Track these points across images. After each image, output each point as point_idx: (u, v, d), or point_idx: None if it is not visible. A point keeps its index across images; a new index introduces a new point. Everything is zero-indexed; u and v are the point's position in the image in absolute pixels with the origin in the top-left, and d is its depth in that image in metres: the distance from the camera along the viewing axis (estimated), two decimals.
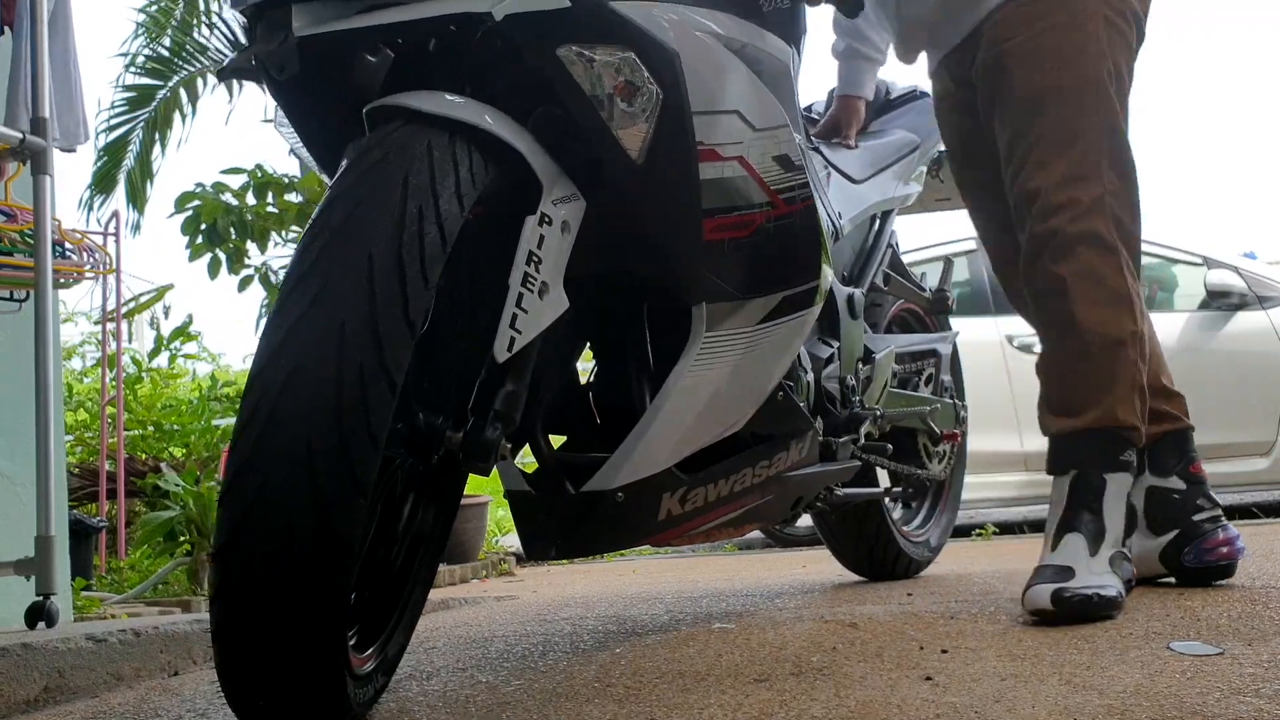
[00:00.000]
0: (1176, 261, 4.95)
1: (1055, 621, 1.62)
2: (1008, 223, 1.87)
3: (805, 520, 5.42)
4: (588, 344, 1.74)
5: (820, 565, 3.51)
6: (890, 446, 2.17)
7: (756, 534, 5.67)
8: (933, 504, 2.70)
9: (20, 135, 2.28)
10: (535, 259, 1.29)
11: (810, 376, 1.86)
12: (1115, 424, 1.72)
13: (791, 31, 1.62)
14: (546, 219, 1.31)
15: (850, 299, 2.06)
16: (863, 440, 2.05)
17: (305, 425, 1.05)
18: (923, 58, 2.00)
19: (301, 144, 1.50)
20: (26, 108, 2.33)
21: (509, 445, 1.39)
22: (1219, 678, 1.25)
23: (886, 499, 2.40)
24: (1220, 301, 4.67)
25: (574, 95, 1.31)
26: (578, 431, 1.72)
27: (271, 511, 1.04)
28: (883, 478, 2.41)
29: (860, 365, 2.10)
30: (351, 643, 1.24)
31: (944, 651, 1.50)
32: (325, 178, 1.47)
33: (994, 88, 1.78)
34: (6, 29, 2.54)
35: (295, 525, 1.04)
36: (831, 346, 1.98)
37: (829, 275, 1.69)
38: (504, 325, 1.27)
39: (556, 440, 1.67)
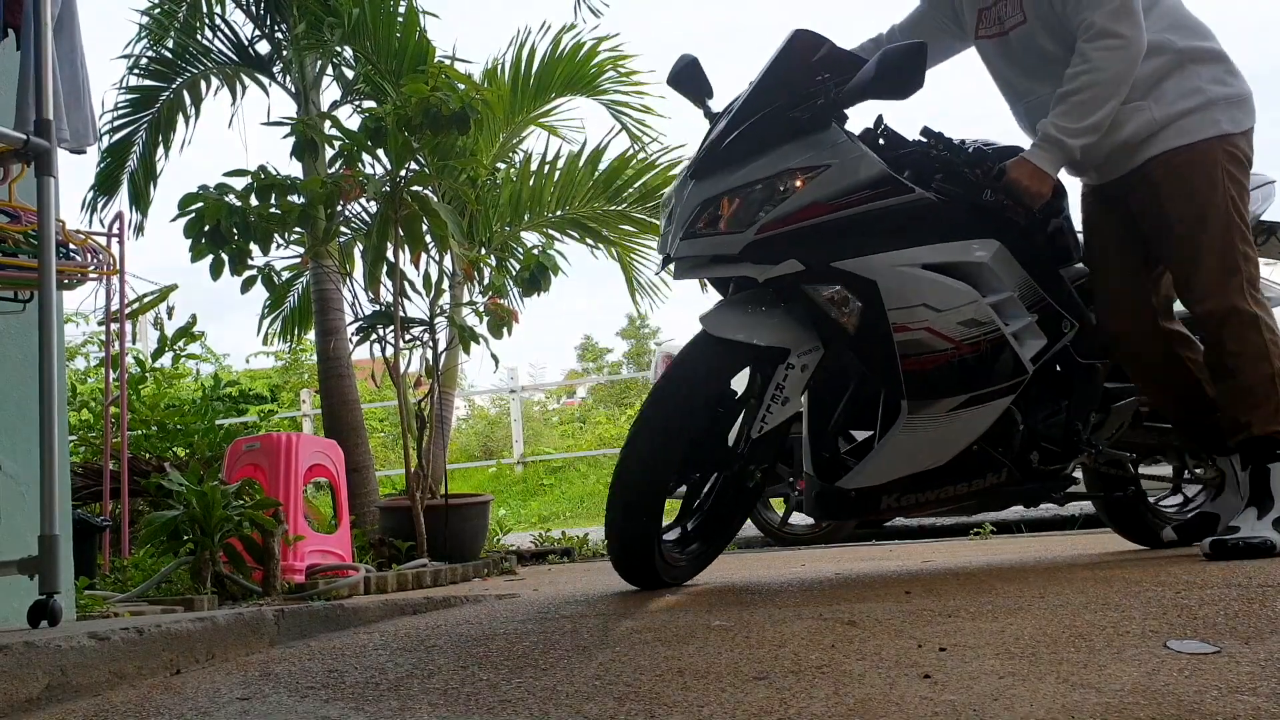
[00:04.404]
0: None
1: (1212, 559, 2.42)
2: (1139, 290, 2.72)
3: (804, 519, 5.51)
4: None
5: (819, 564, 3.52)
6: (1097, 472, 2.99)
7: (756, 533, 5.68)
8: (1208, 498, 3.18)
9: (24, 137, 2.28)
10: (781, 386, 2.41)
11: (1023, 426, 2.62)
12: (1267, 431, 2.50)
13: (1005, 220, 2.53)
14: (791, 366, 2.41)
15: (1088, 369, 2.73)
16: (1070, 468, 2.78)
17: (637, 469, 2.39)
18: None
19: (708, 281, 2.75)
20: (33, 109, 2.34)
21: (760, 475, 2.58)
22: (1216, 676, 1.25)
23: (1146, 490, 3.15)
24: None
25: (813, 305, 2.41)
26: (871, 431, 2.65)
27: (626, 488, 2.39)
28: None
29: (1094, 414, 2.78)
30: (672, 542, 2.64)
31: (942, 650, 1.51)
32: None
33: (1153, 214, 2.62)
34: (12, 31, 2.54)
35: (637, 494, 2.39)
36: (1059, 404, 2.70)
37: (1021, 373, 2.49)
38: (758, 419, 2.43)
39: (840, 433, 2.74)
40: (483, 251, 5.66)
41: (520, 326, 5.39)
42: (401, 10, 5.57)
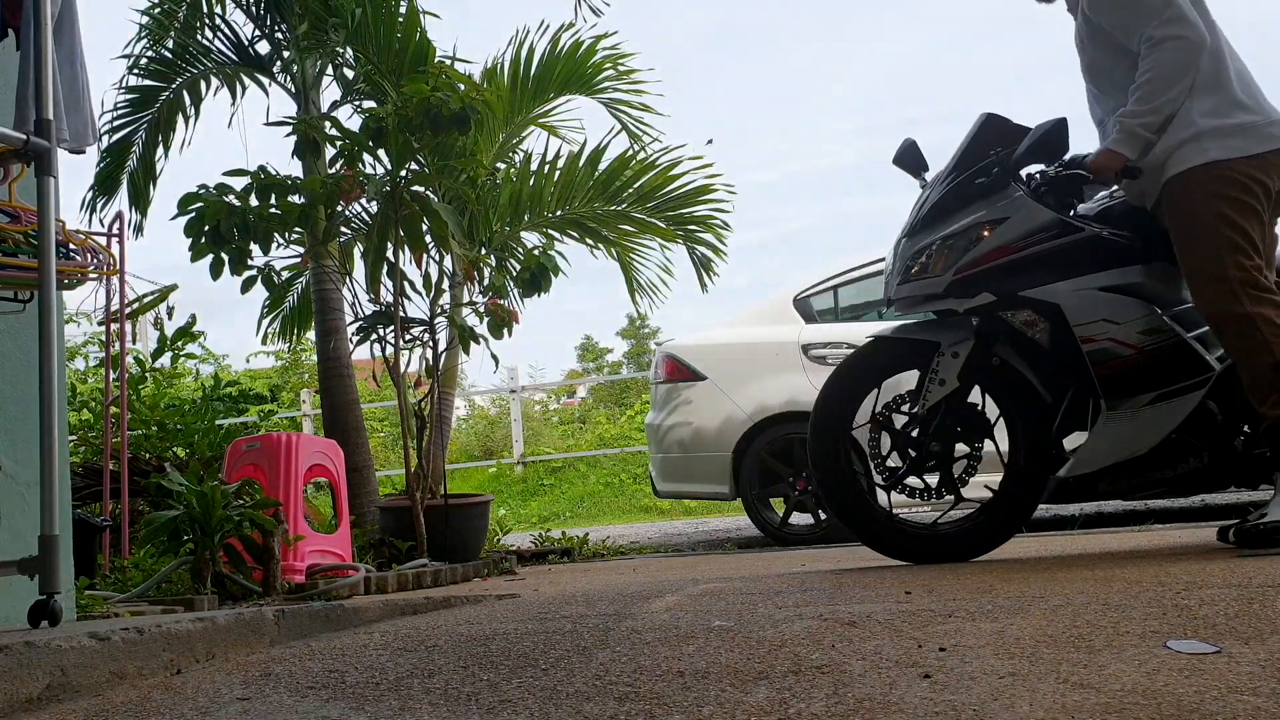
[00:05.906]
0: None
1: (1238, 545, 2.70)
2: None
3: (805, 519, 5.50)
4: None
5: (819, 564, 3.52)
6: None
7: (756, 533, 5.68)
8: None
9: (24, 137, 2.28)
10: (937, 369, 3.05)
11: (1220, 417, 2.92)
12: (1275, 416, 2.70)
13: (1162, 248, 2.93)
14: (943, 354, 3.05)
15: None
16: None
17: (821, 438, 3.14)
18: None
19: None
20: (33, 109, 2.34)
21: (939, 448, 3.15)
22: (1216, 676, 1.25)
23: None
24: None
25: (1008, 328, 3.04)
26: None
27: (819, 451, 3.14)
28: None
29: None
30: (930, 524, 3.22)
31: (942, 650, 1.51)
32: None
33: (1170, 228, 2.91)
34: (12, 32, 2.55)
35: (826, 455, 3.12)
36: None
37: (1205, 371, 2.87)
38: (921, 396, 3.07)
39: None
40: (483, 251, 5.66)
41: (520, 326, 5.39)
42: (403, 11, 5.57)
